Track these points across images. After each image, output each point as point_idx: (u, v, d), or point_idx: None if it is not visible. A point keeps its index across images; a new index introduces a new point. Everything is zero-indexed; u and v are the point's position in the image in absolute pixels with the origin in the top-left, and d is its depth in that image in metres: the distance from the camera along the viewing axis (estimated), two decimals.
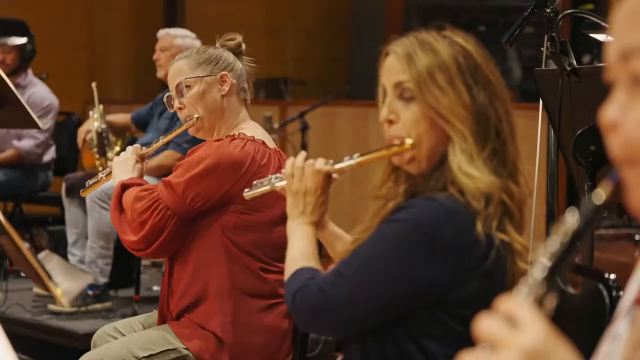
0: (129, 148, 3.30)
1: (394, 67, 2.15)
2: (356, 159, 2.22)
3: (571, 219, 1.13)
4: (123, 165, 3.25)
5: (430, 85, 2.09)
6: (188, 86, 3.22)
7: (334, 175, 2.30)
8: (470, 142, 2.07)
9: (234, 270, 3.09)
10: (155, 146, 3.33)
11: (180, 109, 3.25)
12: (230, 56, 3.29)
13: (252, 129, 3.20)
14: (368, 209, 2.25)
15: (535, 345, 1.07)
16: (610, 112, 1.13)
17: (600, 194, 1.14)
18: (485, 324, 1.10)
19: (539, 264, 1.12)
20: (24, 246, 1.89)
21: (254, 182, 2.51)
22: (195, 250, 3.12)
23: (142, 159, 3.28)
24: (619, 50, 1.13)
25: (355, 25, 10.13)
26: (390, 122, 2.15)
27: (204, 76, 3.22)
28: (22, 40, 6.38)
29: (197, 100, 3.21)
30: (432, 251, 2.01)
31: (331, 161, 2.28)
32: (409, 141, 2.11)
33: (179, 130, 3.30)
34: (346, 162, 2.24)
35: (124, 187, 3.18)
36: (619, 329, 1.27)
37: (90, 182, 3.44)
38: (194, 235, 3.12)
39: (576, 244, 1.11)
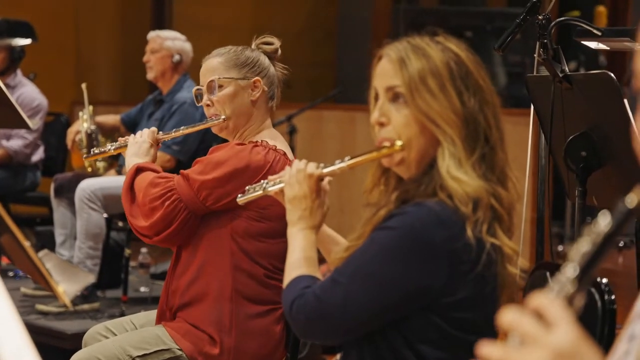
0: (146, 130, 3.29)
1: (386, 71, 2.18)
2: (347, 162, 2.24)
3: (603, 222, 1.15)
4: (138, 146, 3.24)
5: (422, 90, 2.12)
6: (220, 85, 3.21)
7: (327, 178, 2.32)
8: (459, 147, 2.10)
9: (238, 275, 3.10)
10: (173, 134, 3.34)
11: (208, 105, 3.24)
12: (265, 61, 3.29)
13: (275, 139, 3.21)
14: (357, 214, 2.27)
15: (566, 346, 1.09)
16: None
17: (633, 198, 1.16)
18: (516, 317, 1.11)
19: (571, 263, 1.14)
20: (27, 244, 1.91)
21: (247, 187, 2.53)
22: (202, 250, 3.12)
23: (157, 143, 3.29)
24: None
25: (342, 29, 10.14)
26: (381, 124, 2.17)
27: (237, 78, 3.22)
28: (27, 41, 6.38)
29: (226, 100, 3.20)
30: (425, 257, 2.03)
31: (322, 164, 2.31)
32: (398, 143, 2.13)
33: (202, 126, 3.29)
34: (337, 165, 2.26)
35: (139, 170, 3.18)
36: (636, 329, 1.30)
37: (97, 150, 3.43)
38: (203, 236, 3.13)
39: (608, 246, 1.14)
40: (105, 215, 5.37)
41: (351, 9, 10.15)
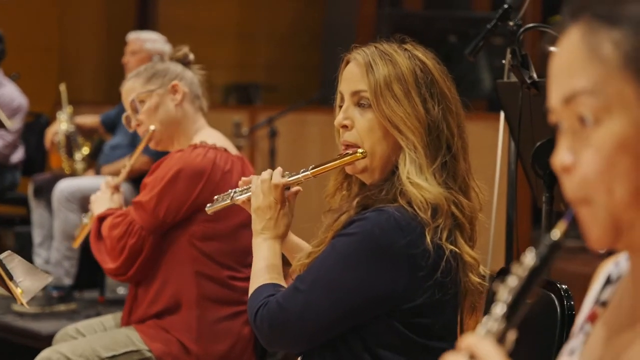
0: (102, 185, 3.35)
1: (353, 76, 2.20)
2: (311, 170, 2.26)
3: (529, 257, 1.16)
4: (100, 201, 3.31)
5: (387, 95, 2.13)
6: (142, 101, 3.24)
7: (296, 187, 2.32)
8: (421, 154, 2.12)
9: (202, 279, 3.11)
10: (124, 173, 3.38)
11: (138, 125, 3.27)
12: (178, 67, 3.33)
13: (213, 137, 3.22)
14: (322, 223, 2.28)
15: None
16: (562, 157, 1.17)
17: (556, 232, 1.17)
18: None
19: (500, 300, 1.15)
20: None
21: (215, 196, 2.55)
22: (163, 260, 3.14)
23: (116, 189, 3.32)
24: (562, 95, 1.17)
25: (326, 33, 10.15)
26: (345, 127, 2.19)
27: (155, 89, 3.24)
28: None
29: (151, 113, 3.23)
30: (384, 262, 2.05)
31: (287, 173, 2.31)
32: (360, 150, 2.15)
33: (140, 147, 3.32)
34: (302, 174, 2.27)
35: (101, 219, 3.21)
36: (575, 343, 1.31)
37: (77, 232, 3.53)
38: (163, 247, 3.15)
39: (534, 280, 1.15)
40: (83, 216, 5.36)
41: (336, 14, 10.15)
